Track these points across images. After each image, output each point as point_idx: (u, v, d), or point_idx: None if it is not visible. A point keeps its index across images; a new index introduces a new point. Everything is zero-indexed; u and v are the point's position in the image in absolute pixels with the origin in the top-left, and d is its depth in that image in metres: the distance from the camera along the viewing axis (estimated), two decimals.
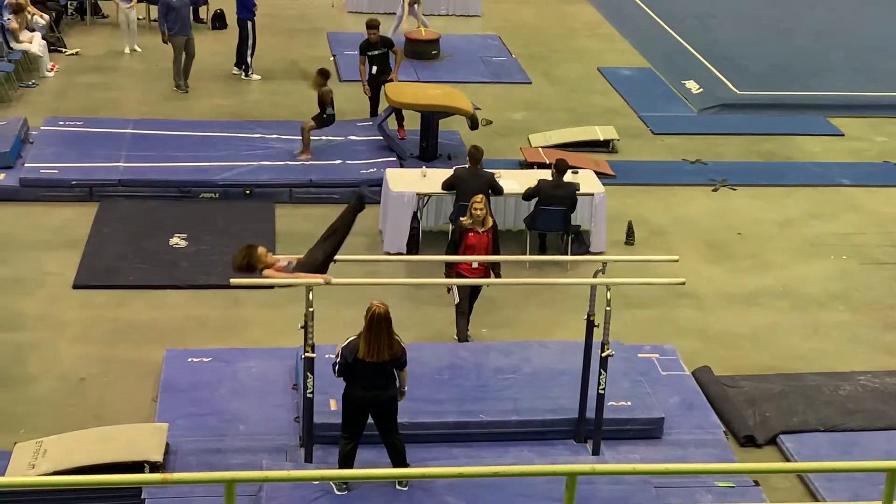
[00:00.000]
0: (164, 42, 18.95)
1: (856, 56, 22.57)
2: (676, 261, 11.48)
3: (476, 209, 11.96)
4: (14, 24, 19.25)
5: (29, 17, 19.82)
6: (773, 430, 11.20)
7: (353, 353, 9.53)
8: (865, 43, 23.51)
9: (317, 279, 9.87)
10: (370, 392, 9.63)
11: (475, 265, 12.05)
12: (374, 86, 17.69)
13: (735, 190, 16.56)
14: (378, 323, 9.43)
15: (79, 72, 19.78)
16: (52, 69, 19.58)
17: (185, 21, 18.97)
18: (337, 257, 10.41)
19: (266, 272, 9.93)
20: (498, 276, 12.20)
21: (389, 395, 9.70)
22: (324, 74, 16.30)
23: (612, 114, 19.08)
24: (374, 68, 17.50)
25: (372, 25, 17.59)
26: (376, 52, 17.47)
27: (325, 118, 16.24)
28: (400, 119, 17.13)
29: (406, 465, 9.88)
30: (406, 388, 9.84)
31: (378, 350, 9.46)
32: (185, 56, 18.97)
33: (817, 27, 24.49)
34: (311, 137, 16.33)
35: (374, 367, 9.52)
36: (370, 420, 9.80)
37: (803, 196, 16.49)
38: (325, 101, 16.17)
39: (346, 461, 9.79)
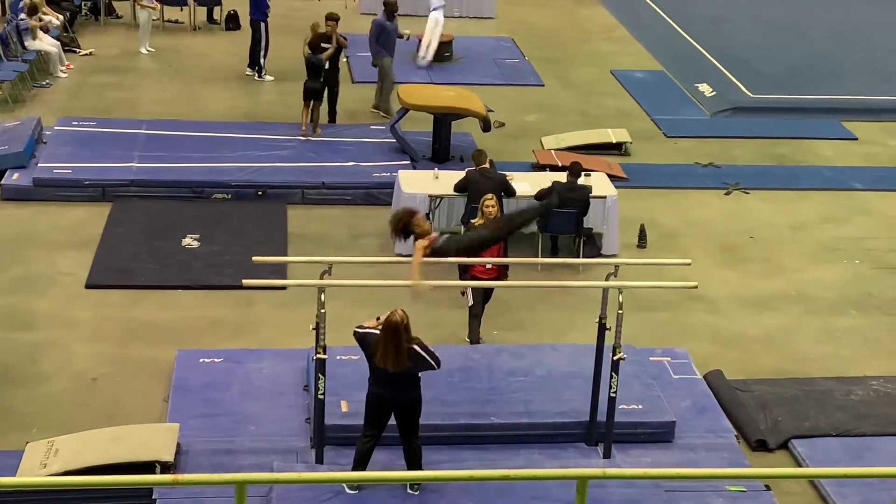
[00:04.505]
0: (374, 65, 18.28)
1: (870, 59, 22.51)
2: (689, 264, 11.44)
3: (488, 207, 11.94)
4: (34, 23, 19.34)
5: (43, 17, 19.88)
6: (784, 435, 11.17)
7: (368, 347, 9.52)
8: (880, 46, 23.45)
9: (417, 284, 9.92)
10: (390, 392, 9.61)
11: (488, 266, 12.04)
12: (327, 85, 17.22)
13: (748, 193, 16.52)
14: (387, 330, 9.40)
15: (92, 72, 19.83)
16: (67, 68, 19.63)
17: (393, 43, 18.39)
18: (348, 259, 10.44)
19: (419, 242, 10.02)
20: (506, 277, 12.19)
21: (409, 398, 9.66)
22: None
23: (625, 116, 19.06)
24: (327, 63, 17.08)
25: (332, 18, 17.32)
26: (329, 48, 17.11)
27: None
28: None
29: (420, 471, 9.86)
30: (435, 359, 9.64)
31: (384, 358, 9.44)
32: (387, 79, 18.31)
33: (832, 30, 24.43)
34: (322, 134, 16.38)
35: (387, 370, 9.51)
36: (392, 421, 9.79)
37: (816, 200, 16.45)
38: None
39: (362, 460, 9.78)
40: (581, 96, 20.04)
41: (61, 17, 20.79)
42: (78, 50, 20.65)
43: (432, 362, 9.57)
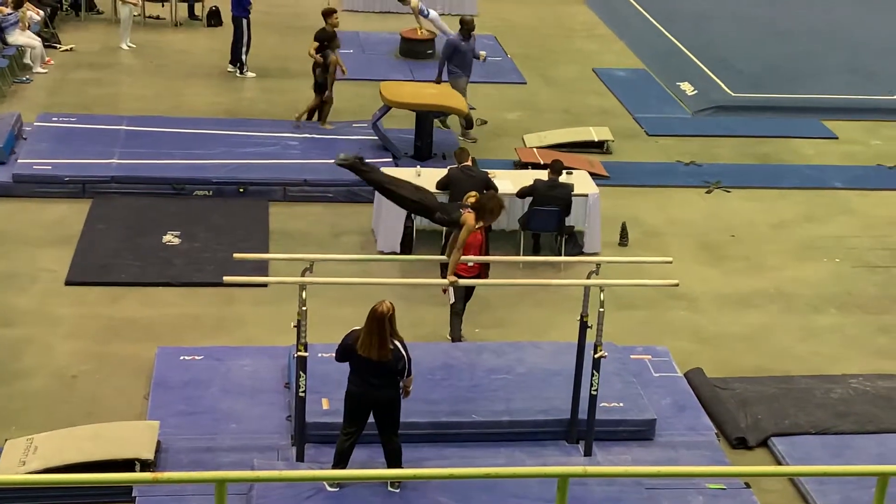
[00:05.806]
0: (437, 82, 17.47)
1: (851, 59, 22.59)
2: (670, 262, 11.48)
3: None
4: (23, 14, 19.26)
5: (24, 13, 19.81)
6: (764, 433, 11.21)
7: (353, 341, 9.56)
8: (861, 45, 23.52)
9: (448, 278, 10.46)
10: (366, 389, 9.61)
11: (470, 264, 12.03)
12: (326, 85, 17.14)
13: (729, 192, 16.57)
14: (373, 320, 9.43)
15: (73, 68, 19.75)
16: (47, 64, 19.55)
17: (469, 64, 17.75)
18: (330, 256, 10.44)
19: (468, 216, 10.39)
20: (487, 275, 12.20)
21: (387, 396, 9.66)
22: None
23: (607, 115, 19.09)
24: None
25: (332, 12, 17.26)
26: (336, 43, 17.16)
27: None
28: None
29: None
30: (410, 389, 9.82)
31: (368, 346, 9.46)
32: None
33: (813, 29, 24.49)
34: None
35: (367, 363, 9.51)
36: (371, 420, 9.79)
37: (797, 198, 16.50)
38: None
39: (342, 457, 9.78)
40: (563, 94, 20.06)
41: (42, 12, 20.70)
42: (58, 46, 20.56)
43: (408, 364, 9.58)
